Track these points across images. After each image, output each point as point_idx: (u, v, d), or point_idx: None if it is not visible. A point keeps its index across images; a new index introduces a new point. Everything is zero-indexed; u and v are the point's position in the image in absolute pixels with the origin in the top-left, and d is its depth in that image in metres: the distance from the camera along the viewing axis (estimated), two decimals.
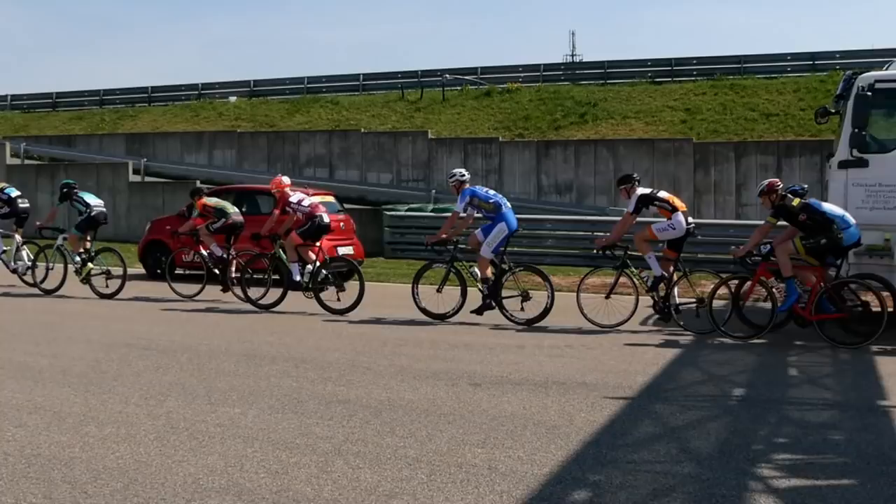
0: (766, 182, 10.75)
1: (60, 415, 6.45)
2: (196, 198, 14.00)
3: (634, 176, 11.58)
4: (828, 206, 10.44)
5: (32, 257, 14.63)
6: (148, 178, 28.69)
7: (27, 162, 30.29)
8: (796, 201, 10.29)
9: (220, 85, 38.15)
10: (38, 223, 14.87)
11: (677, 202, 11.27)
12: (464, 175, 11.94)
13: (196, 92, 37.88)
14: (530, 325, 11.10)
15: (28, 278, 14.56)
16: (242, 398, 7.02)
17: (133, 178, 27.59)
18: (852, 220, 10.21)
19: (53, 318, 11.61)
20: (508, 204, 11.72)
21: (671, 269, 11.11)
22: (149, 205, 25.73)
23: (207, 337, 10.09)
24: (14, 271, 14.81)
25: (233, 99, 36.51)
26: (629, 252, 11.33)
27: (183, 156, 30.16)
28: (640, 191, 11.32)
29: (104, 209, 14.49)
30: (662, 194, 11.37)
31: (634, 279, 11.14)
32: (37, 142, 32.77)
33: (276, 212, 12.61)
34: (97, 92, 39.55)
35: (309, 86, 36.32)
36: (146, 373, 8.01)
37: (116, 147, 31.61)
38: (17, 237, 14.97)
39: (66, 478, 5.04)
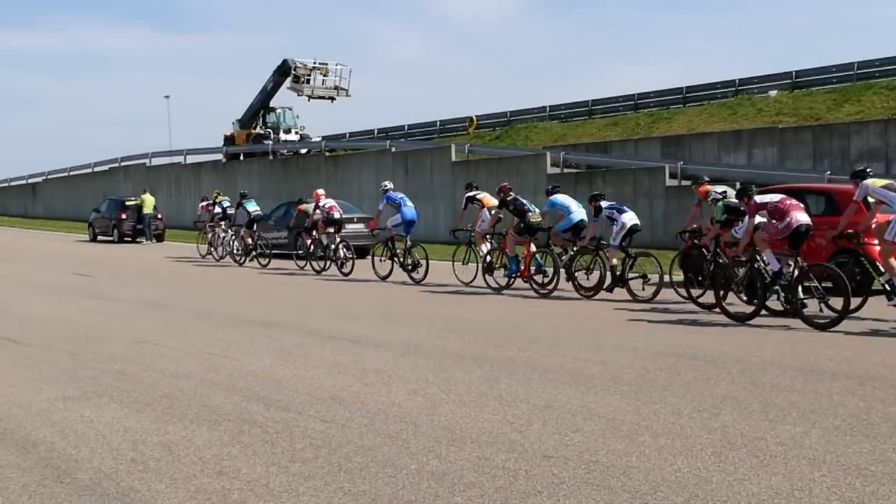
0: (501, 185, 16.89)
1: (614, 422, 6.72)
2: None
3: (473, 184, 18.08)
4: (560, 200, 15.82)
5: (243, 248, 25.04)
6: (685, 182, 29.11)
7: (566, 171, 32.25)
8: (510, 196, 16.10)
9: (759, 79, 37.72)
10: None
11: (486, 201, 17.35)
12: (387, 185, 19.30)
13: (733, 88, 37.83)
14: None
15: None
16: (803, 416, 6.77)
17: (669, 182, 28.16)
18: (574, 210, 15.55)
19: (599, 325, 12.21)
20: (409, 203, 18.70)
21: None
22: (686, 209, 26.05)
23: (757, 348, 9.92)
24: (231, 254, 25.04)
25: (773, 93, 35.85)
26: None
27: (720, 156, 30.20)
28: (470, 193, 17.70)
29: (260, 213, 25.10)
30: (479, 195, 17.58)
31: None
32: (574, 150, 34.75)
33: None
34: (631, 97, 41.17)
35: (859, 72, 34.51)
36: (696, 384, 8.08)
37: (651, 151, 32.54)
38: (230, 231, 25.35)
39: (625, 487, 5.22)
